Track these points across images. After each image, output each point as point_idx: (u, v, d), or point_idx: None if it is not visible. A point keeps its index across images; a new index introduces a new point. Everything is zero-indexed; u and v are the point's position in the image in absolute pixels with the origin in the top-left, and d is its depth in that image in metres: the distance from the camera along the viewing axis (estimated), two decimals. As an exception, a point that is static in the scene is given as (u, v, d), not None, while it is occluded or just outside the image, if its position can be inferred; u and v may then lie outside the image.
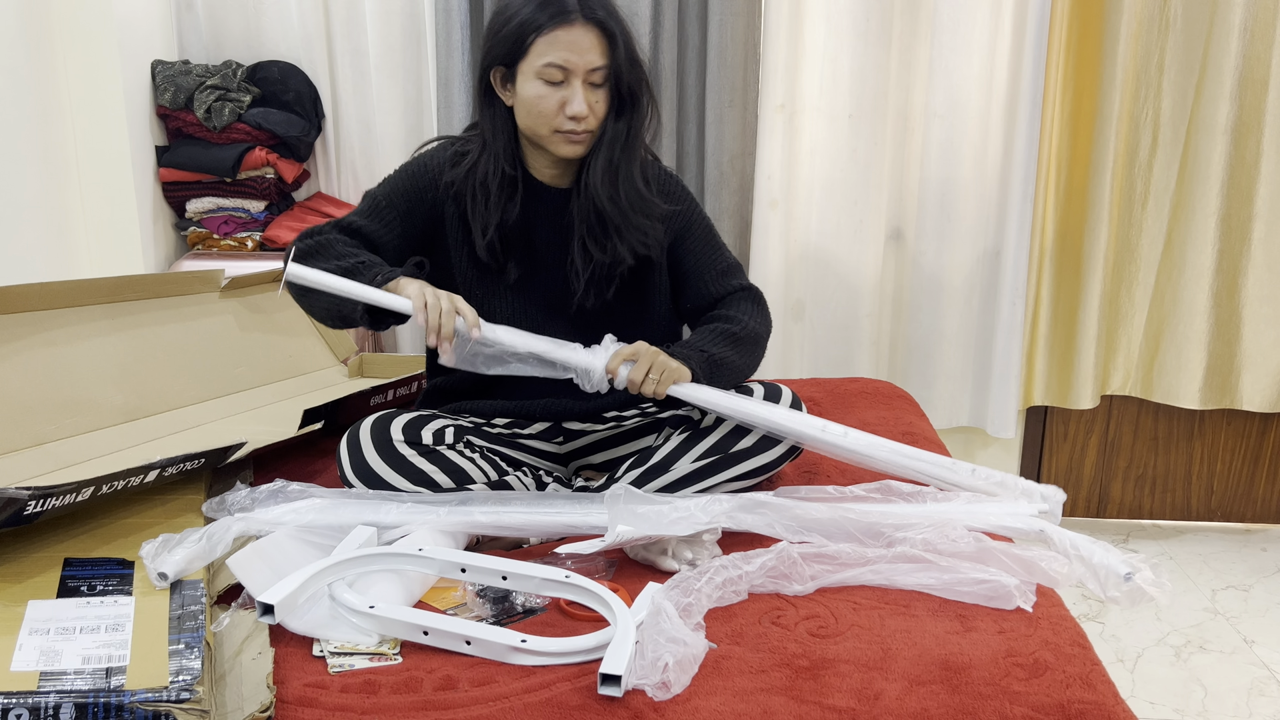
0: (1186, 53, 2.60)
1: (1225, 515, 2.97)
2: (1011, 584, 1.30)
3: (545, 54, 1.49)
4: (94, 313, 1.75)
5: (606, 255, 1.60)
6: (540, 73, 1.50)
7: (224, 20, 2.61)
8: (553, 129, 1.53)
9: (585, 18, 1.49)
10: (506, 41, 1.52)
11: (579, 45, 1.49)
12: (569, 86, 1.51)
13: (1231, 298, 2.71)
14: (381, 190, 1.63)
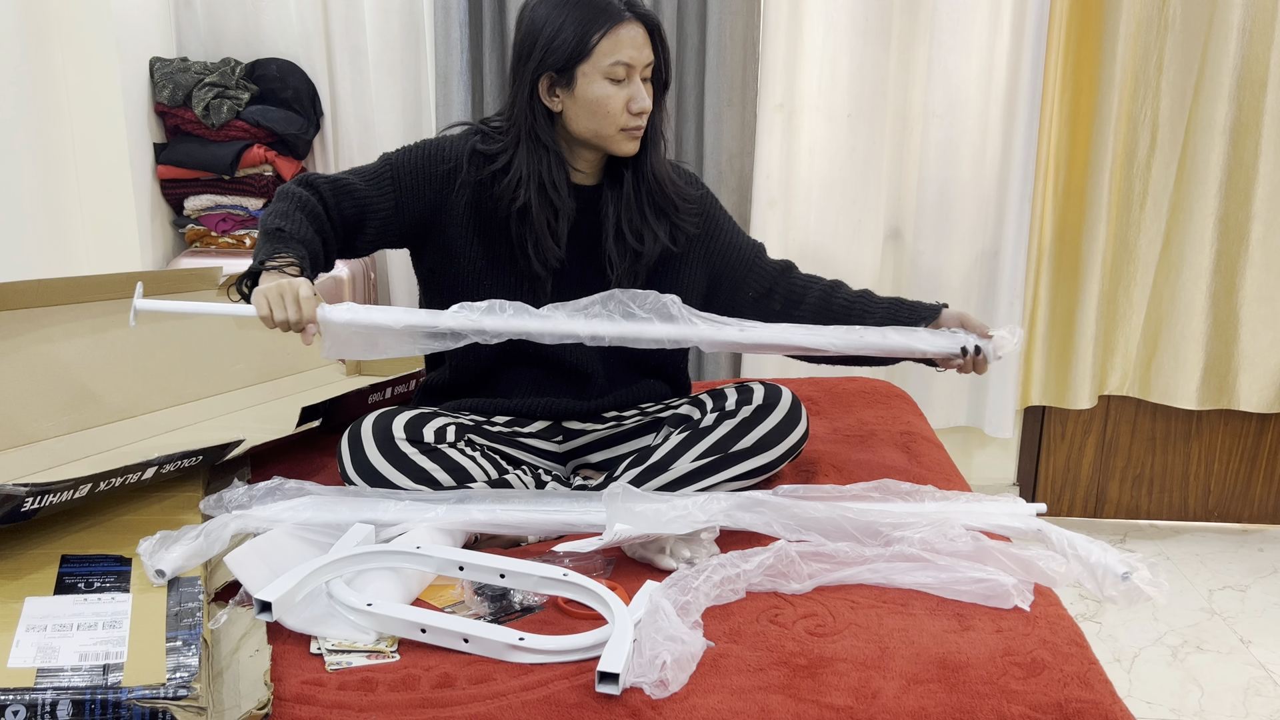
0: (1185, 53, 2.60)
1: (1222, 515, 2.97)
2: (1009, 583, 1.30)
3: (611, 53, 1.53)
4: (92, 309, 1.74)
5: (644, 242, 1.64)
6: (607, 72, 1.53)
7: (223, 18, 2.61)
8: (619, 127, 1.57)
9: (636, 17, 1.55)
10: (564, 47, 1.53)
11: (637, 41, 1.55)
12: (632, 84, 1.55)
13: (1229, 298, 2.71)
14: (395, 157, 1.65)
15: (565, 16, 1.53)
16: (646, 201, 1.64)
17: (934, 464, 1.80)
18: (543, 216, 1.59)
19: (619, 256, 1.64)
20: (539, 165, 1.59)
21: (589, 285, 1.64)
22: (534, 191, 1.58)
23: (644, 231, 1.64)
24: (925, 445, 1.89)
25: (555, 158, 1.59)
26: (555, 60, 1.53)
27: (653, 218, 1.65)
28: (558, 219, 1.60)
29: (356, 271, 2.52)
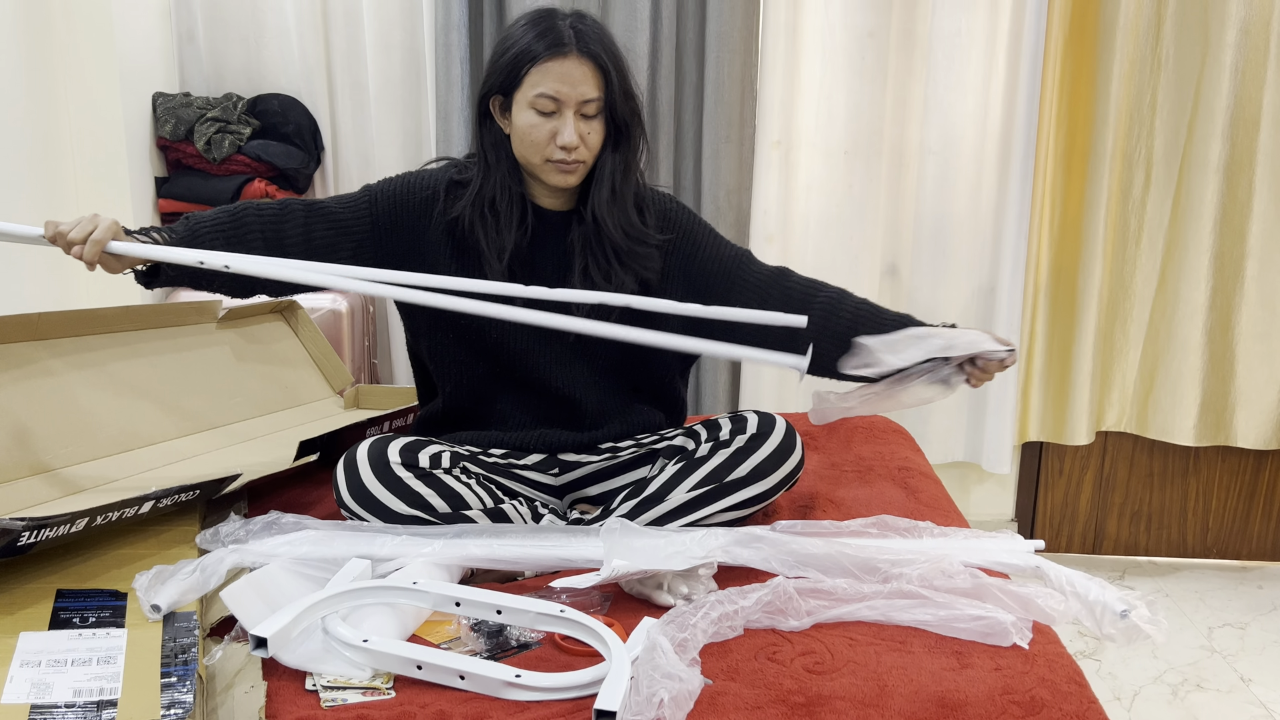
0: (1179, 92, 2.63)
1: (1221, 552, 2.97)
2: (1008, 620, 1.29)
3: (538, 84, 1.52)
4: (91, 343, 1.75)
5: (612, 284, 1.61)
6: (533, 102, 1.53)
7: (225, 53, 2.63)
8: (544, 158, 1.55)
9: (579, 50, 1.51)
10: (502, 71, 1.55)
11: (571, 77, 1.51)
12: (560, 117, 1.53)
13: (1225, 334, 2.72)
14: (376, 186, 1.66)
15: (516, 42, 1.54)
16: (603, 246, 1.61)
17: (932, 500, 1.80)
18: (484, 234, 1.59)
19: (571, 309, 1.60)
20: (482, 180, 1.60)
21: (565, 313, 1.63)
22: (469, 203, 1.59)
23: (611, 278, 1.61)
24: (923, 481, 1.88)
25: (503, 175, 1.60)
26: (496, 81, 1.56)
27: (618, 265, 1.61)
28: (500, 236, 1.59)
29: (355, 305, 2.53)
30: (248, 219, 1.58)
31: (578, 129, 1.53)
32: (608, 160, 1.60)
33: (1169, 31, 2.60)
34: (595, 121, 1.56)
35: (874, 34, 2.61)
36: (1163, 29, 2.61)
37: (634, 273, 1.63)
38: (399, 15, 2.60)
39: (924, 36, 2.62)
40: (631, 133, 1.60)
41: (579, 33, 1.52)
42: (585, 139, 1.55)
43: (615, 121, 1.57)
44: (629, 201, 1.62)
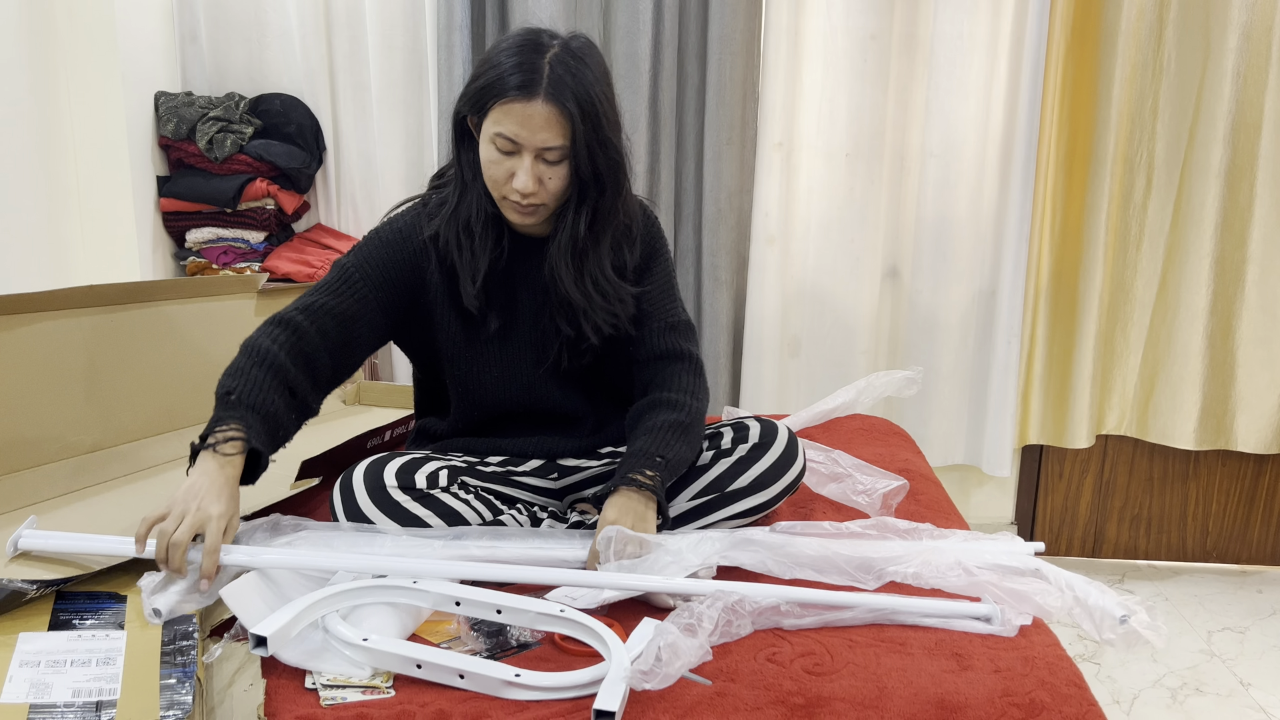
0: (1180, 97, 2.63)
1: (1220, 556, 2.97)
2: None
3: (499, 122, 1.43)
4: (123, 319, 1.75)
5: (572, 330, 1.57)
6: (493, 138, 1.44)
7: (227, 53, 2.64)
8: (501, 195, 1.49)
9: (547, 96, 1.41)
10: (472, 96, 1.47)
11: (532, 122, 1.41)
12: (518, 158, 1.44)
13: (1226, 339, 2.72)
14: (353, 260, 1.55)
15: (492, 68, 1.44)
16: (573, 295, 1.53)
17: (932, 502, 1.80)
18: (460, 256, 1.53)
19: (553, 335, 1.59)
20: (458, 199, 1.54)
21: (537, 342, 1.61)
22: (450, 227, 1.53)
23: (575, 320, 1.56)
24: (923, 483, 1.88)
25: (477, 194, 1.53)
26: (462, 105, 1.49)
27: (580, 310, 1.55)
28: (475, 259, 1.53)
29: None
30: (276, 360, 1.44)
31: (536, 172, 1.44)
32: (569, 214, 1.50)
33: (1170, 36, 2.60)
34: (558, 167, 1.46)
35: (876, 37, 2.61)
36: (1164, 34, 2.61)
37: (594, 325, 1.56)
38: (401, 16, 2.60)
39: (926, 40, 2.63)
40: (604, 184, 1.49)
41: (554, 77, 1.41)
42: (545, 183, 1.46)
43: (580, 173, 1.47)
44: (599, 254, 1.54)
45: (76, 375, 1.65)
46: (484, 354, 1.61)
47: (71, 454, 1.60)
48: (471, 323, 1.60)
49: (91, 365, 1.68)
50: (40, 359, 1.60)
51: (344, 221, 2.72)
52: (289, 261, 2.50)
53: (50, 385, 1.60)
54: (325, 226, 2.71)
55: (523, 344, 1.62)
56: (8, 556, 1.29)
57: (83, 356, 1.67)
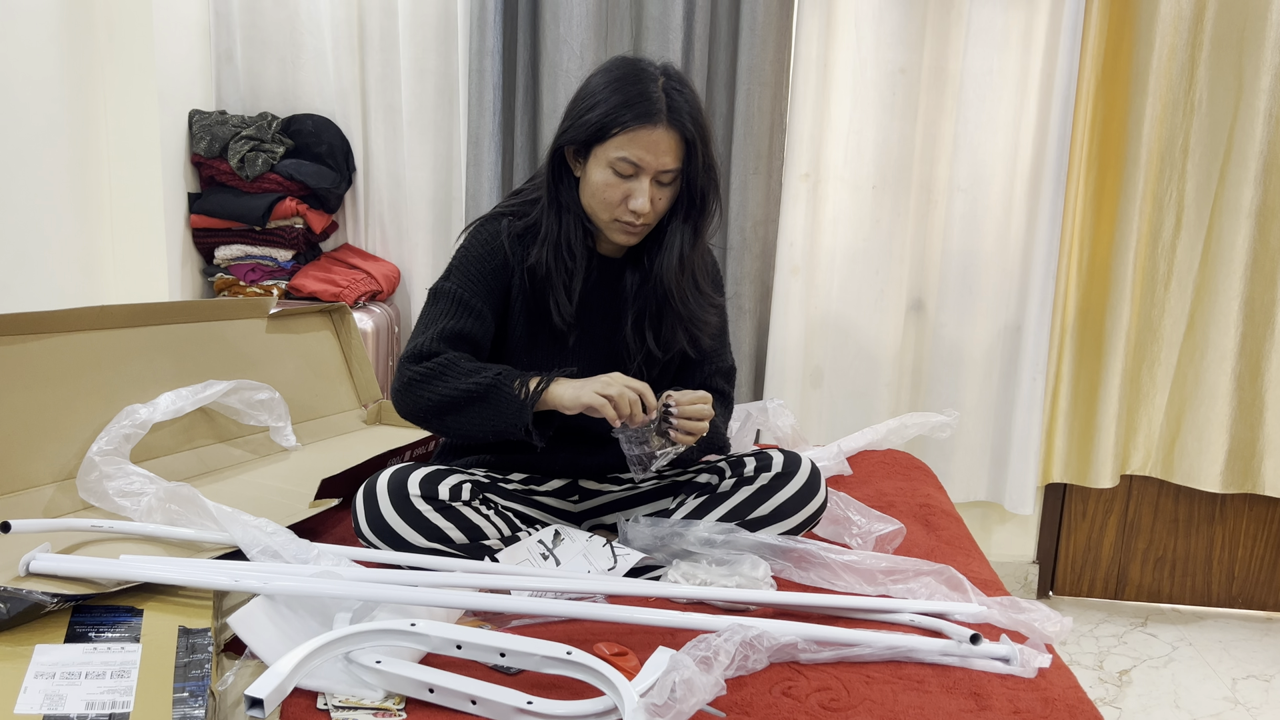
0: (1211, 136, 2.62)
1: (1246, 602, 2.92)
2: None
3: (623, 148, 1.50)
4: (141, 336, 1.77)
5: (661, 337, 1.63)
6: (613, 163, 1.51)
7: (262, 73, 2.67)
8: (612, 217, 1.55)
9: (670, 121, 1.49)
10: (587, 127, 1.52)
11: (657, 146, 1.50)
12: (637, 181, 1.52)
13: (1254, 381, 2.69)
14: (458, 284, 1.60)
15: (605, 96, 1.51)
16: (661, 305, 1.62)
17: (953, 538, 1.78)
18: (557, 276, 1.59)
19: (636, 347, 1.65)
20: (557, 225, 1.59)
21: (610, 355, 1.65)
22: (549, 251, 1.58)
23: (661, 335, 1.64)
24: (944, 519, 1.87)
25: (574, 219, 1.59)
26: (578, 134, 1.54)
27: (668, 325, 1.63)
28: (571, 279, 1.60)
29: (381, 324, 2.54)
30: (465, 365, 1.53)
31: (650, 194, 1.52)
32: (678, 228, 1.59)
33: (1202, 76, 2.59)
34: (668, 188, 1.55)
35: (905, 71, 2.61)
36: (1196, 73, 2.60)
37: (690, 335, 1.64)
38: (434, 41, 2.63)
39: (956, 75, 2.63)
40: (707, 203, 1.58)
41: (672, 103, 1.50)
42: (655, 205, 1.54)
43: (691, 191, 1.56)
44: (696, 269, 1.63)
45: (92, 394, 1.66)
46: (542, 364, 1.63)
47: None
48: (538, 334, 1.64)
49: (108, 384, 1.69)
50: (55, 377, 1.61)
51: (371, 242, 2.74)
52: (315, 280, 2.52)
53: (67, 403, 1.62)
54: (353, 246, 2.73)
55: (593, 359, 1.65)
56: (17, 576, 1.30)
57: (98, 375, 1.68)
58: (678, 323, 1.63)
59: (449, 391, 1.50)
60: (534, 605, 1.33)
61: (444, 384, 1.50)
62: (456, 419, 1.51)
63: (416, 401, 1.52)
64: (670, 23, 2.51)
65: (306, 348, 2.18)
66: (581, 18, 2.50)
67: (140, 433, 1.65)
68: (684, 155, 1.52)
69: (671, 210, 1.58)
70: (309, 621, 1.30)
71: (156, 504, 1.49)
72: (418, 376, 1.52)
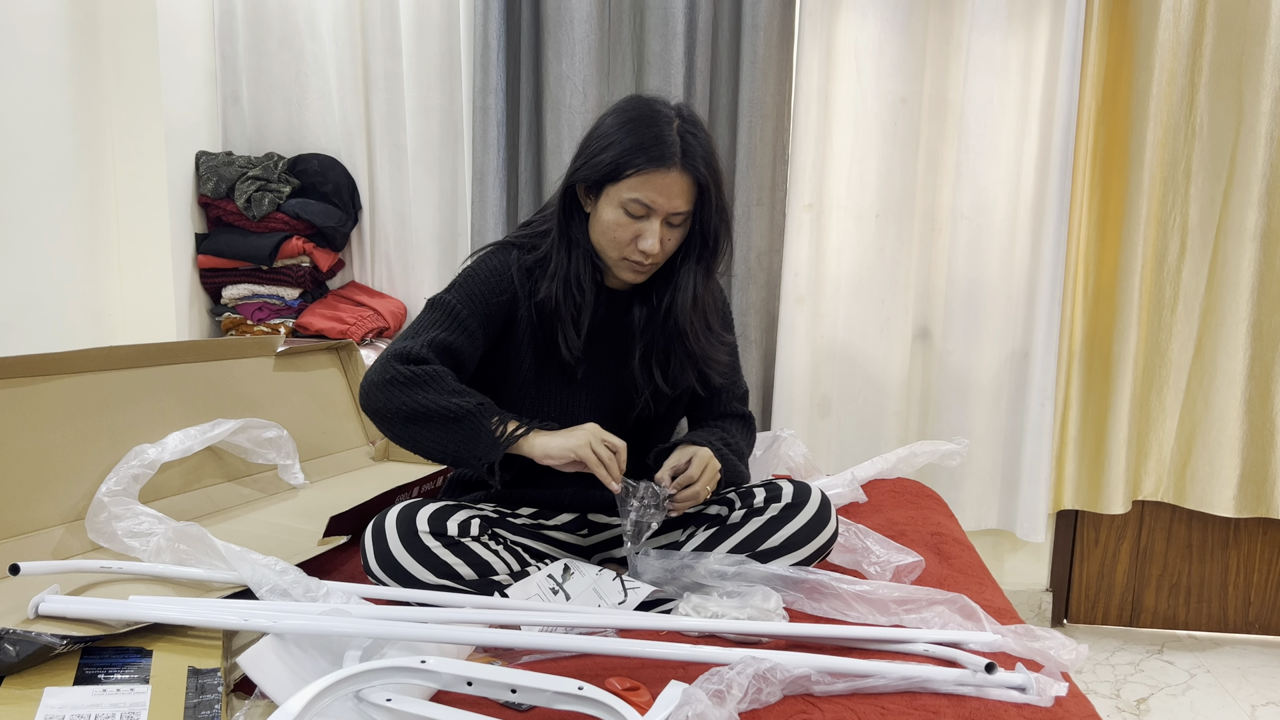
0: (1213, 160, 2.62)
1: (1264, 628, 2.89)
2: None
3: (635, 190, 1.51)
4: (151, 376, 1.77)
5: (669, 372, 1.65)
6: (625, 203, 1.52)
7: (268, 114, 2.69)
8: (621, 255, 1.57)
9: (683, 166, 1.51)
10: (601, 167, 1.53)
11: (669, 189, 1.51)
12: (647, 221, 1.53)
13: (1265, 404, 2.68)
14: (458, 299, 1.60)
15: (619, 137, 1.52)
16: (670, 342, 1.64)
17: (965, 567, 1.77)
18: (565, 310, 1.60)
19: (643, 382, 1.66)
20: (567, 260, 1.60)
21: (618, 389, 1.66)
22: (559, 286, 1.59)
23: (669, 372, 1.65)
24: (956, 547, 1.85)
25: (584, 254, 1.60)
26: (591, 173, 1.55)
27: (676, 362, 1.65)
28: (580, 313, 1.61)
29: (387, 361, 2.55)
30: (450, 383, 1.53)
31: (660, 235, 1.54)
32: (690, 269, 1.60)
33: (1202, 101, 2.61)
34: (678, 229, 1.57)
35: (906, 100, 2.63)
36: (1196, 97, 2.61)
37: (699, 372, 1.66)
38: (438, 79, 2.65)
39: (956, 103, 2.64)
40: (719, 244, 1.60)
41: (686, 147, 1.51)
42: (664, 245, 1.56)
43: (704, 233, 1.58)
44: (709, 308, 1.64)
45: (100, 434, 1.67)
46: (550, 397, 1.64)
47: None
48: (546, 367, 1.64)
49: (116, 424, 1.70)
50: (63, 419, 1.62)
51: (378, 279, 2.75)
52: (322, 318, 2.53)
53: (75, 444, 1.62)
54: (359, 284, 2.74)
55: (598, 394, 1.66)
56: (26, 618, 1.29)
57: (106, 416, 1.69)
58: (688, 361, 1.64)
59: (426, 403, 1.49)
60: (545, 640, 1.32)
61: (424, 394, 1.49)
62: (421, 431, 1.50)
63: (389, 401, 1.50)
64: (672, 58, 2.53)
65: (314, 385, 2.19)
66: (584, 54, 2.52)
67: (149, 473, 1.65)
68: (696, 198, 1.54)
69: (684, 251, 1.60)
70: (319, 660, 1.29)
71: (165, 544, 1.49)
72: (400, 377, 1.50)
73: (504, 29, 2.54)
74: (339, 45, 2.65)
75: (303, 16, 2.66)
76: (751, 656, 1.29)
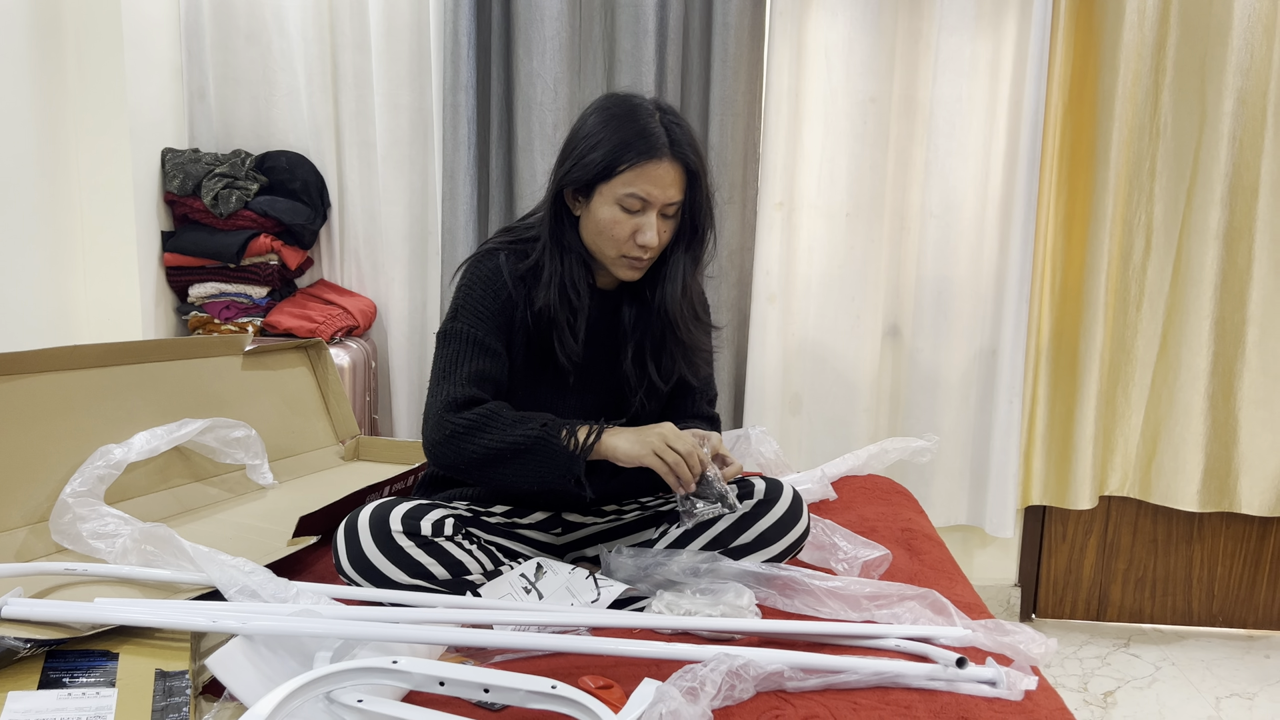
0: (1177, 160, 2.66)
1: (1227, 620, 2.93)
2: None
3: (630, 184, 1.51)
4: (117, 376, 1.75)
5: (662, 365, 1.64)
6: (621, 199, 1.52)
7: (235, 111, 2.67)
8: (619, 253, 1.56)
9: (673, 155, 1.52)
10: (592, 167, 1.52)
11: (663, 180, 1.52)
12: (644, 216, 1.53)
13: (1227, 400, 2.72)
14: (469, 324, 1.57)
15: (607, 135, 1.52)
16: (664, 336, 1.64)
17: (936, 562, 1.78)
18: (561, 316, 1.59)
19: (637, 381, 1.65)
20: (560, 266, 1.59)
21: (611, 390, 1.65)
22: (555, 292, 1.58)
23: (662, 365, 1.65)
24: (927, 543, 1.87)
25: (576, 258, 1.60)
26: (583, 174, 1.54)
27: (668, 355, 1.65)
28: (576, 318, 1.60)
29: (358, 359, 2.53)
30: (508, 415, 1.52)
31: (657, 228, 1.54)
32: (680, 259, 1.61)
33: (1167, 100, 2.64)
34: (672, 221, 1.57)
35: (876, 100, 2.64)
36: (1161, 97, 2.64)
37: (691, 364, 1.66)
38: (408, 76, 2.64)
39: (925, 103, 2.66)
40: (705, 233, 1.61)
41: (673, 136, 1.52)
42: (661, 238, 1.56)
43: (694, 222, 1.59)
44: (695, 298, 1.65)
45: (65, 435, 1.64)
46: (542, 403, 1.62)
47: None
48: (540, 370, 1.63)
49: (81, 424, 1.67)
50: (27, 419, 1.59)
51: (347, 277, 2.73)
52: (291, 316, 2.50)
53: (39, 445, 1.60)
54: (328, 282, 2.72)
55: (592, 393, 1.65)
56: None
57: (71, 416, 1.67)
58: (678, 351, 1.65)
59: (494, 444, 1.48)
60: (517, 639, 1.32)
61: (488, 436, 1.49)
62: (500, 471, 1.49)
63: (460, 454, 1.50)
64: (643, 56, 2.53)
65: (283, 384, 2.17)
66: (555, 52, 2.52)
67: (115, 473, 1.63)
68: (686, 187, 1.55)
69: (674, 242, 1.60)
70: (289, 661, 1.28)
71: (132, 545, 1.47)
72: (460, 428, 1.49)
73: (474, 25, 2.53)
74: (307, 41, 2.63)
75: (270, 12, 2.64)
76: (724, 653, 1.29)
